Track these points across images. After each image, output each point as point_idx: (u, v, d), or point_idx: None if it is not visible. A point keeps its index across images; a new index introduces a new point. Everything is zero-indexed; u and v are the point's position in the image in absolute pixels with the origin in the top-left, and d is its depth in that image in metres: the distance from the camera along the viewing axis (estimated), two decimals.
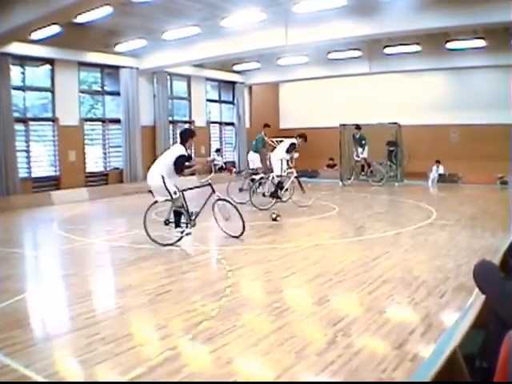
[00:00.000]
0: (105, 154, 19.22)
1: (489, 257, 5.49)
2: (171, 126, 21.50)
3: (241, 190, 15.38)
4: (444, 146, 21.60)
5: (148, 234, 9.47)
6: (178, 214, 9.44)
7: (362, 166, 20.59)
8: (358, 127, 20.40)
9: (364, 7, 13.50)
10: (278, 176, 13.83)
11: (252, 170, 15.20)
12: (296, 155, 14.29)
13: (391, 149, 21.48)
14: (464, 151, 20.80)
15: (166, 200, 9.20)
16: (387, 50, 18.66)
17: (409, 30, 14.01)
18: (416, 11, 12.99)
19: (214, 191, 9.77)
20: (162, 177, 8.98)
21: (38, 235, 12.21)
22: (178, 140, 9.63)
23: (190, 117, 22.73)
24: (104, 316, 5.73)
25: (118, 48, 17.57)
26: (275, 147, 14.72)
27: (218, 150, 23.35)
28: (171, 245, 9.36)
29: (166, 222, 9.47)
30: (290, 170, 14.17)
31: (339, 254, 8.75)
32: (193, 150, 21.79)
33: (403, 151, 21.49)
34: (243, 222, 9.83)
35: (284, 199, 14.13)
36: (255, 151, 15.18)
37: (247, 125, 25.36)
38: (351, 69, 21.22)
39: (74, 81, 17.59)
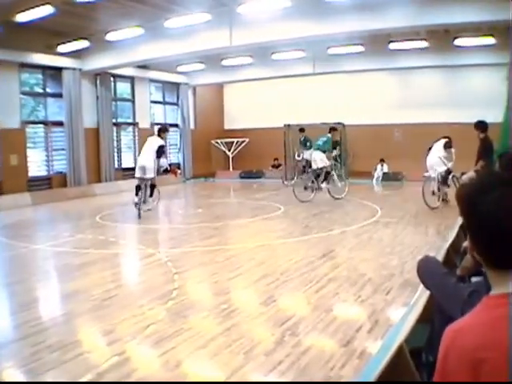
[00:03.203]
0: (47, 157, 18.70)
1: (433, 253, 5.58)
2: (115, 128, 21.07)
3: (305, 188, 15.45)
4: (388, 145, 21.93)
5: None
6: (152, 188, 12.84)
7: (304, 167, 20.63)
8: (301, 130, 20.44)
9: (308, 8, 13.56)
10: (446, 172, 13.36)
11: (316, 169, 15.07)
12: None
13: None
14: (408, 150, 21.10)
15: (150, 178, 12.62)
16: (331, 51, 18.81)
17: (353, 31, 14.17)
18: (360, 12, 13.11)
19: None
20: (154, 159, 12.50)
21: None
22: (156, 133, 13.39)
23: (134, 118, 22.31)
24: (50, 323, 5.57)
25: (60, 49, 17.08)
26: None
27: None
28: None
29: (144, 201, 12.74)
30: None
31: (285, 254, 8.78)
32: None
33: (348, 151, 21.81)
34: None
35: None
36: (323, 151, 15.02)
37: (192, 126, 25.12)
38: (295, 69, 21.29)
39: (14, 82, 17.07)
